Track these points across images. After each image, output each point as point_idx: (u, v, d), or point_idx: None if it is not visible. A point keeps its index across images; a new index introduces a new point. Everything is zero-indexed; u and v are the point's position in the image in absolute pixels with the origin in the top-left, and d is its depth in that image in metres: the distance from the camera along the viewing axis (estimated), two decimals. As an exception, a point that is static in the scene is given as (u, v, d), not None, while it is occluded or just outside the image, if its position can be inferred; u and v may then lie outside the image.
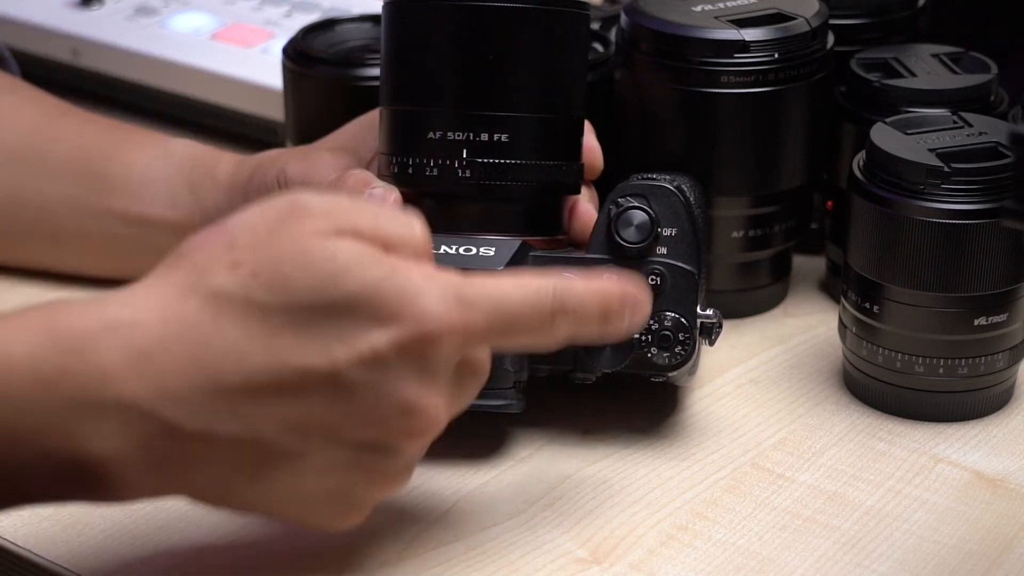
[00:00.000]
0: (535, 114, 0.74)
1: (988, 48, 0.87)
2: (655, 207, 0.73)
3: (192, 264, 0.62)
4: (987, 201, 0.75)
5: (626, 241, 0.73)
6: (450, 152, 0.73)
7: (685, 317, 0.73)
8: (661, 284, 0.73)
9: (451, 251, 0.73)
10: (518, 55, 0.74)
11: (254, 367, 0.61)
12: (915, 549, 0.71)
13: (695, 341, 0.73)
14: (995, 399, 0.79)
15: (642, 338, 0.73)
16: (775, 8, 0.83)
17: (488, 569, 0.70)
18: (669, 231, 0.73)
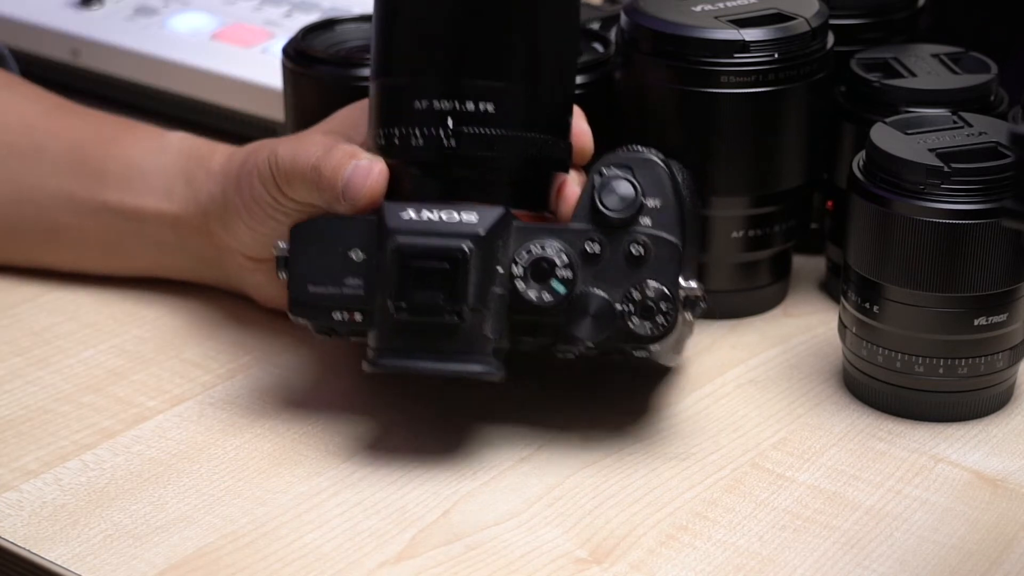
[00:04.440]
0: (522, 85, 0.74)
1: (988, 48, 0.87)
2: (640, 178, 0.73)
3: None
4: (987, 201, 0.75)
5: (609, 210, 0.72)
6: (435, 121, 0.73)
7: (668, 287, 0.72)
8: (644, 254, 0.72)
9: (433, 216, 0.72)
10: (505, 24, 0.74)
11: None
12: (915, 549, 0.71)
13: (677, 311, 0.73)
14: (995, 399, 0.79)
15: (624, 308, 0.72)
16: (775, 8, 0.83)
17: (488, 569, 0.70)
18: (653, 202, 0.73)
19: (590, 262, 0.72)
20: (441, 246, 0.71)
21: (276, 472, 0.75)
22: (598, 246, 0.72)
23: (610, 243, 0.72)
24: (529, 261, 0.72)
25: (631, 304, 0.72)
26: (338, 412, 0.80)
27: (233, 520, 0.72)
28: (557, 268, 0.72)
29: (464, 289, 0.71)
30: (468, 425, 0.79)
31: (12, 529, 0.72)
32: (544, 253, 0.72)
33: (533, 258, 0.72)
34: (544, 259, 0.72)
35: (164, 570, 0.69)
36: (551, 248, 0.72)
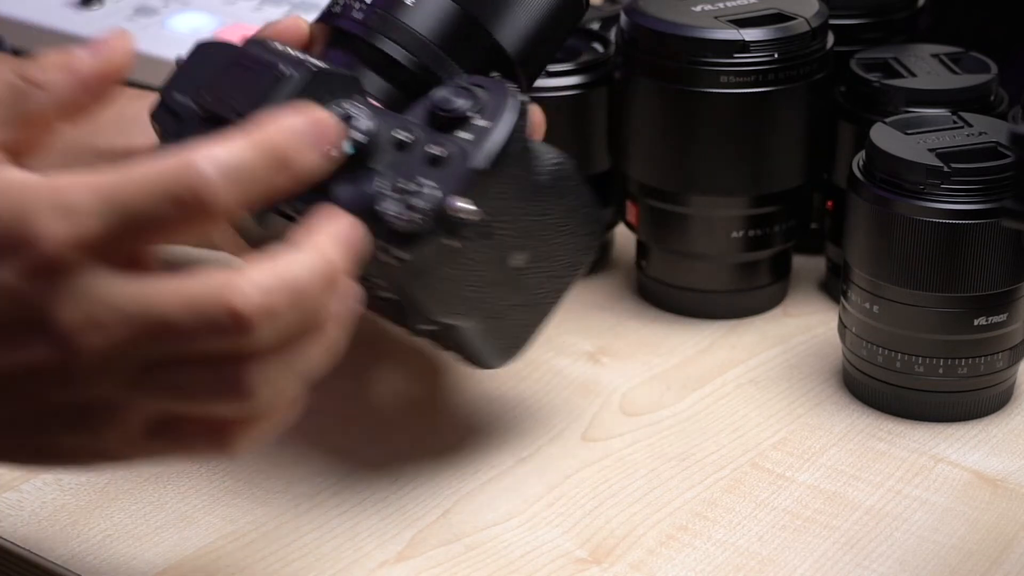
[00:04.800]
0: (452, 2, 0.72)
1: (988, 48, 0.87)
2: (486, 99, 0.68)
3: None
4: (987, 201, 0.75)
5: (435, 106, 0.68)
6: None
7: (437, 191, 0.66)
8: (440, 160, 0.67)
9: (283, 50, 0.69)
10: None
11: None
12: (915, 549, 0.71)
13: (433, 220, 0.66)
14: (995, 399, 0.79)
15: (386, 192, 0.66)
16: (775, 8, 0.83)
17: (488, 569, 0.70)
18: (482, 123, 0.68)
19: (395, 148, 0.68)
20: (268, 60, 0.68)
21: (276, 472, 0.75)
22: (406, 135, 0.67)
23: (421, 139, 0.67)
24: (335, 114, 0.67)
25: (396, 192, 0.66)
26: (338, 412, 0.80)
27: (233, 520, 0.72)
28: (352, 130, 0.67)
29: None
30: (468, 425, 0.79)
31: (12, 529, 0.72)
32: (348, 112, 0.67)
33: (338, 112, 0.67)
34: (347, 116, 0.67)
35: (164, 570, 0.69)
36: (361, 114, 0.67)
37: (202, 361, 0.58)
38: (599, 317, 0.88)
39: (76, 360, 0.58)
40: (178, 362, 0.58)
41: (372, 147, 0.67)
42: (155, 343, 0.58)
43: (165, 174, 0.57)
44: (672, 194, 0.85)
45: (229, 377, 0.58)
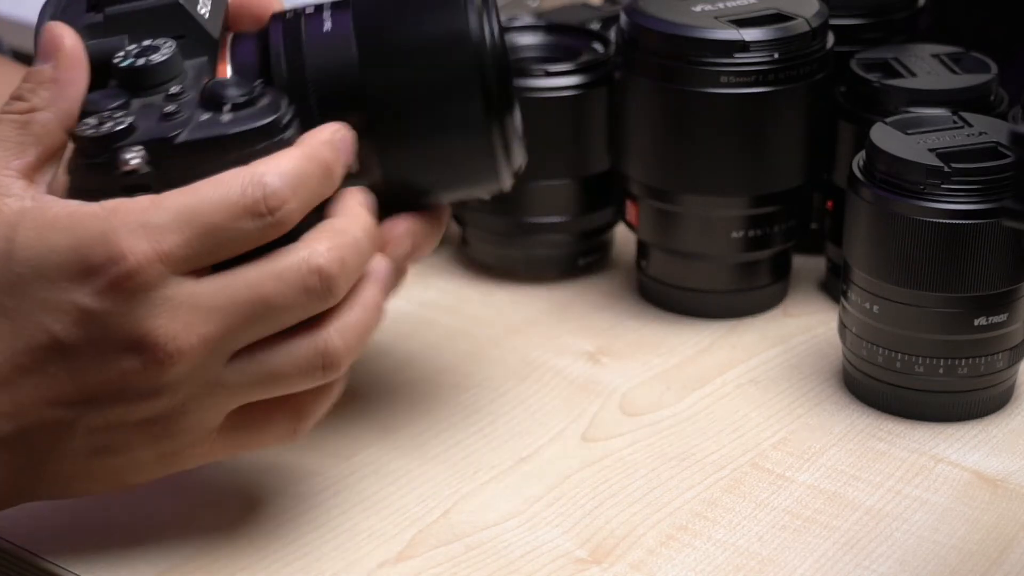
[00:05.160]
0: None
1: (988, 48, 0.87)
2: (267, 100, 0.67)
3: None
4: (987, 201, 0.75)
5: (213, 89, 0.67)
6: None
7: (154, 141, 0.66)
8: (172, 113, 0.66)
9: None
10: None
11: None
12: (915, 549, 0.71)
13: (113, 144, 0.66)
14: (995, 399, 0.79)
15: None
16: (775, 8, 0.83)
17: (488, 569, 0.70)
18: (229, 116, 0.66)
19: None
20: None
21: (276, 472, 0.75)
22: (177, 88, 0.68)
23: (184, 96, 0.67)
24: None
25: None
26: (338, 412, 0.80)
27: (233, 520, 0.72)
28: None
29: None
30: (468, 425, 0.79)
31: (12, 529, 0.72)
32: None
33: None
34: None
35: (164, 570, 0.69)
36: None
37: (292, 336, 0.65)
38: (599, 317, 0.88)
39: (171, 368, 0.63)
40: (268, 344, 0.64)
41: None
42: (250, 326, 0.64)
43: (236, 188, 0.63)
44: (672, 194, 0.85)
45: (320, 345, 0.65)
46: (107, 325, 0.63)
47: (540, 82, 0.87)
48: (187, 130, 0.65)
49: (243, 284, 0.63)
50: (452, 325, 0.87)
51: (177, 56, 0.68)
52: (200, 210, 0.63)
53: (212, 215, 0.63)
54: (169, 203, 0.63)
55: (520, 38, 0.92)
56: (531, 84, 0.87)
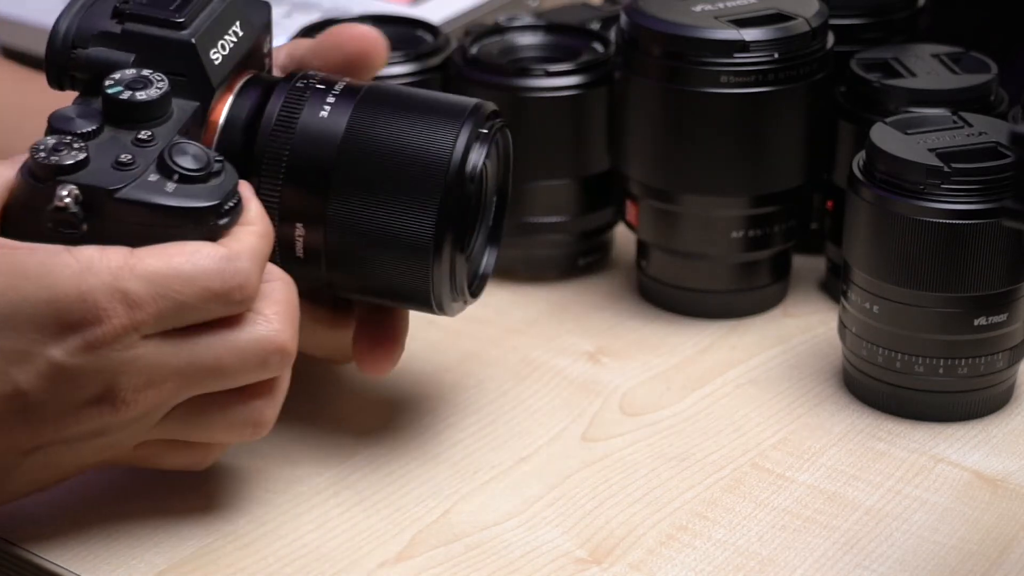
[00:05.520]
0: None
1: (988, 48, 0.87)
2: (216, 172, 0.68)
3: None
4: (987, 201, 0.75)
5: (167, 152, 0.67)
6: None
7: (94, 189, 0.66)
8: (126, 164, 0.67)
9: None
10: None
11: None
12: (915, 549, 0.71)
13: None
14: (995, 399, 0.79)
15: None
16: (775, 8, 0.83)
17: (488, 569, 0.70)
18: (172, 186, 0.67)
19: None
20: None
21: (276, 472, 0.75)
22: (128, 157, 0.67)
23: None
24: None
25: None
26: (338, 412, 0.80)
27: (233, 520, 0.72)
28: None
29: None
30: (468, 425, 0.79)
31: (12, 529, 0.72)
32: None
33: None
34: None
35: (164, 570, 0.69)
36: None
37: (234, 400, 0.68)
38: (599, 317, 0.88)
39: (125, 415, 0.66)
40: (213, 401, 0.68)
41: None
42: (204, 386, 0.67)
43: (214, 272, 0.65)
44: (672, 194, 0.85)
45: (255, 415, 0.69)
46: (76, 381, 0.65)
47: (540, 82, 0.87)
48: (128, 187, 0.66)
49: (205, 352, 0.66)
50: (452, 325, 0.87)
51: (164, 98, 0.69)
52: (174, 287, 0.65)
53: (186, 294, 0.65)
54: (144, 270, 0.65)
55: (520, 38, 0.92)
56: (531, 84, 0.87)
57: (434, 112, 0.71)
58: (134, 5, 0.70)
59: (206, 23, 0.70)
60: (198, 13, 0.70)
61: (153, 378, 0.66)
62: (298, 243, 0.71)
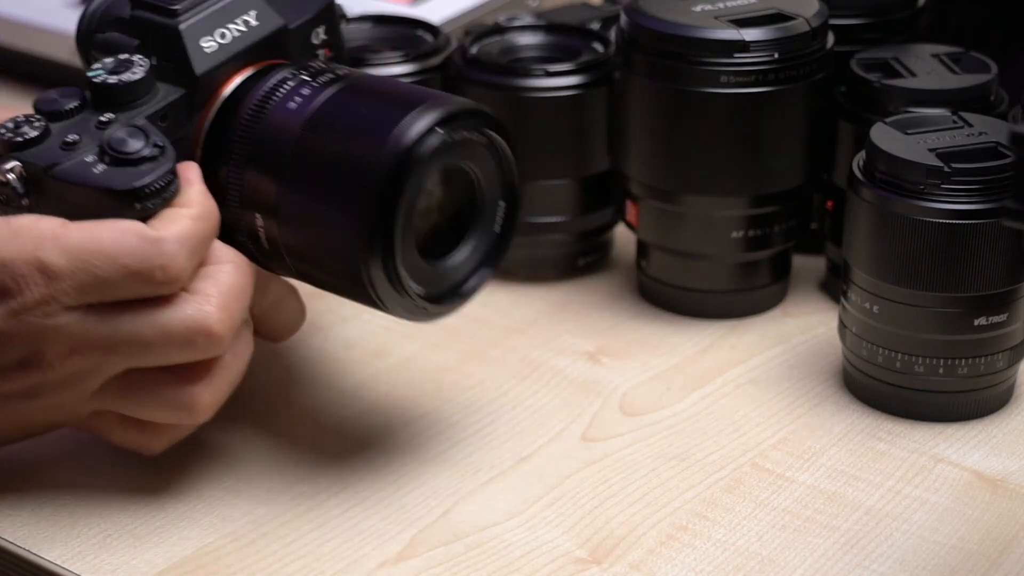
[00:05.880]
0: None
1: (988, 48, 0.87)
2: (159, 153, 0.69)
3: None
4: (987, 201, 0.75)
5: (108, 143, 0.69)
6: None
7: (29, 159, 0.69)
8: (72, 144, 0.69)
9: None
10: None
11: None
12: (915, 549, 0.71)
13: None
14: (995, 399, 0.79)
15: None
16: (775, 8, 0.83)
17: (488, 569, 0.70)
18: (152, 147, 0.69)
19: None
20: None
21: (276, 472, 0.75)
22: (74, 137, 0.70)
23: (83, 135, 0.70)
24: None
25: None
26: (338, 412, 0.80)
27: (233, 520, 0.72)
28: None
29: None
30: (468, 425, 0.79)
31: (12, 529, 0.72)
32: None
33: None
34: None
35: (164, 570, 0.69)
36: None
37: (166, 381, 0.70)
38: (599, 317, 0.88)
39: (51, 378, 0.68)
40: (142, 379, 0.69)
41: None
42: (130, 361, 0.68)
43: (135, 251, 0.66)
44: (672, 194, 0.85)
45: (186, 399, 0.70)
46: (2, 342, 0.68)
47: (540, 82, 0.87)
48: (62, 166, 0.68)
49: (129, 326, 0.68)
50: (452, 325, 0.87)
51: (141, 83, 0.70)
52: (95, 262, 0.66)
53: (106, 270, 0.67)
54: (67, 243, 0.66)
55: (520, 38, 0.92)
56: (531, 84, 0.87)
57: (394, 107, 0.69)
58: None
59: (203, 12, 0.72)
60: (198, 4, 0.72)
61: (77, 346, 0.67)
62: (261, 233, 0.71)
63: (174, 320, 0.68)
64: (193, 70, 0.71)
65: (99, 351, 0.68)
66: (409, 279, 0.70)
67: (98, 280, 0.67)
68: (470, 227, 0.73)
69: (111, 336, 0.68)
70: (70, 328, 0.67)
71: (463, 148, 0.70)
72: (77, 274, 0.66)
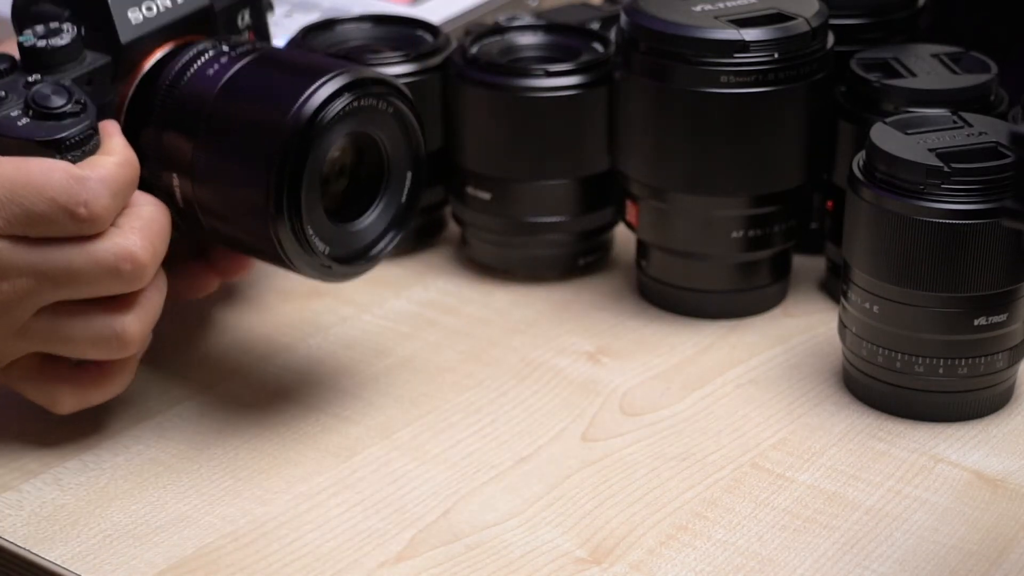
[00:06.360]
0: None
1: (988, 48, 0.87)
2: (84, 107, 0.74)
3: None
4: (987, 201, 0.75)
5: (34, 98, 0.73)
6: None
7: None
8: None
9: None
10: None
11: None
12: (915, 549, 0.71)
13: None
14: (995, 399, 0.79)
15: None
16: (775, 8, 0.83)
17: (488, 569, 0.70)
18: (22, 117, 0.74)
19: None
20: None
21: (276, 472, 0.75)
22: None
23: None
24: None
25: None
26: (338, 412, 0.80)
27: (233, 520, 0.72)
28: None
29: None
30: (468, 425, 0.79)
31: (12, 529, 0.72)
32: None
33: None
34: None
35: (164, 570, 0.69)
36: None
37: (93, 310, 0.73)
38: (599, 317, 0.88)
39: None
40: (71, 310, 0.73)
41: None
42: (57, 290, 0.72)
43: (61, 185, 0.71)
44: (672, 194, 0.85)
45: (118, 328, 0.73)
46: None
47: (540, 82, 0.87)
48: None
49: (59, 256, 0.71)
50: (452, 325, 0.87)
51: (68, 48, 0.74)
52: (23, 193, 0.71)
53: (33, 202, 0.71)
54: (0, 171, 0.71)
55: (520, 38, 0.92)
56: (531, 84, 0.87)
57: (302, 74, 0.73)
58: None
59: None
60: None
61: (7, 272, 0.71)
62: (176, 192, 0.75)
63: (101, 249, 0.72)
64: (119, 38, 0.75)
65: (28, 278, 0.71)
66: (316, 238, 0.73)
67: (25, 211, 0.70)
68: (379, 193, 0.76)
69: (40, 263, 0.71)
70: (1, 255, 0.71)
71: (369, 115, 0.74)
72: (5, 204, 0.70)
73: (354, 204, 0.76)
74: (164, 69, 0.76)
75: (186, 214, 0.76)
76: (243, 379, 0.82)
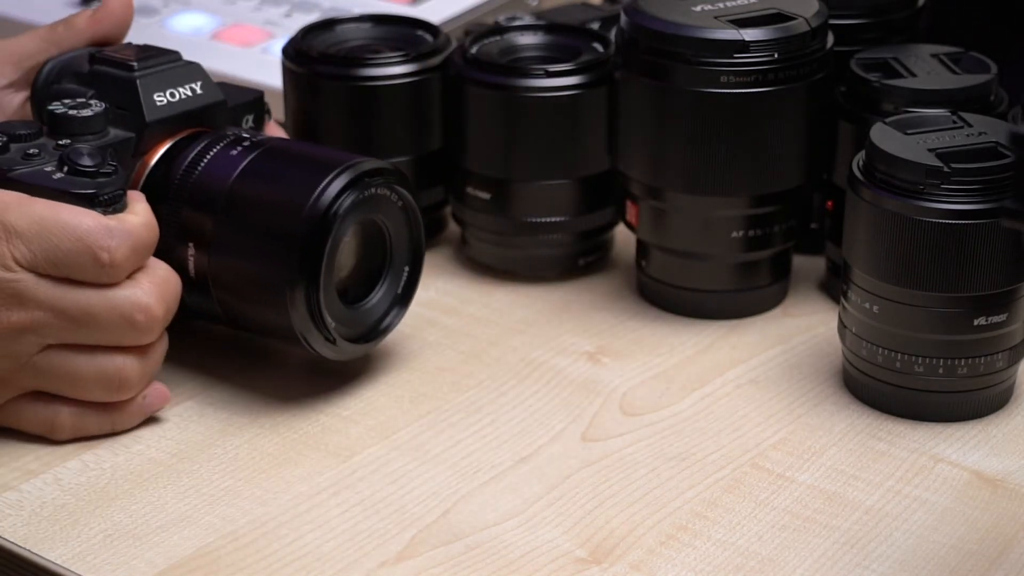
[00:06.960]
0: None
1: (988, 48, 0.87)
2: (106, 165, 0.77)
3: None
4: (987, 201, 0.75)
5: (69, 156, 0.77)
6: None
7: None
8: (32, 156, 0.78)
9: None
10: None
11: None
12: (915, 549, 0.71)
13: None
14: (995, 399, 0.79)
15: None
16: (775, 8, 0.83)
17: (488, 569, 0.70)
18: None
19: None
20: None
21: (276, 472, 0.75)
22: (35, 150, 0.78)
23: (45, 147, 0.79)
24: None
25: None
26: (338, 412, 0.80)
27: (233, 520, 0.72)
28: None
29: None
30: (468, 425, 0.79)
31: (12, 529, 0.72)
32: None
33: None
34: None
35: (164, 570, 0.69)
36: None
37: (102, 353, 0.76)
38: (599, 317, 0.88)
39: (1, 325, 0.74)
40: (80, 350, 0.75)
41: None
42: (72, 331, 0.75)
43: (89, 230, 0.74)
44: (672, 194, 0.85)
45: (119, 366, 0.76)
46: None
47: (540, 82, 0.87)
48: (22, 171, 0.76)
49: (79, 296, 0.75)
50: (452, 325, 0.87)
51: (95, 118, 0.79)
52: (52, 230, 0.74)
53: (61, 239, 0.74)
54: (31, 209, 0.74)
55: (520, 38, 0.92)
56: (531, 84, 0.87)
57: (324, 161, 0.78)
58: (105, 53, 0.82)
59: (156, 73, 0.81)
60: (155, 66, 0.81)
61: (27, 302, 0.74)
62: (190, 263, 0.79)
63: (118, 296, 0.75)
64: (144, 117, 0.80)
65: (47, 312, 0.74)
66: (327, 313, 0.77)
67: (53, 248, 0.74)
68: (380, 279, 0.81)
69: (60, 299, 0.74)
70: (23, 283, 0.74)
71: (380, 203, 0.79)
72: (34, 239, 0.74)
73: (359, 287, 0.81)
74: (183, 151, 0.81)
75: (197, 285, 0.79)
76: (243, 380, 0.82)
